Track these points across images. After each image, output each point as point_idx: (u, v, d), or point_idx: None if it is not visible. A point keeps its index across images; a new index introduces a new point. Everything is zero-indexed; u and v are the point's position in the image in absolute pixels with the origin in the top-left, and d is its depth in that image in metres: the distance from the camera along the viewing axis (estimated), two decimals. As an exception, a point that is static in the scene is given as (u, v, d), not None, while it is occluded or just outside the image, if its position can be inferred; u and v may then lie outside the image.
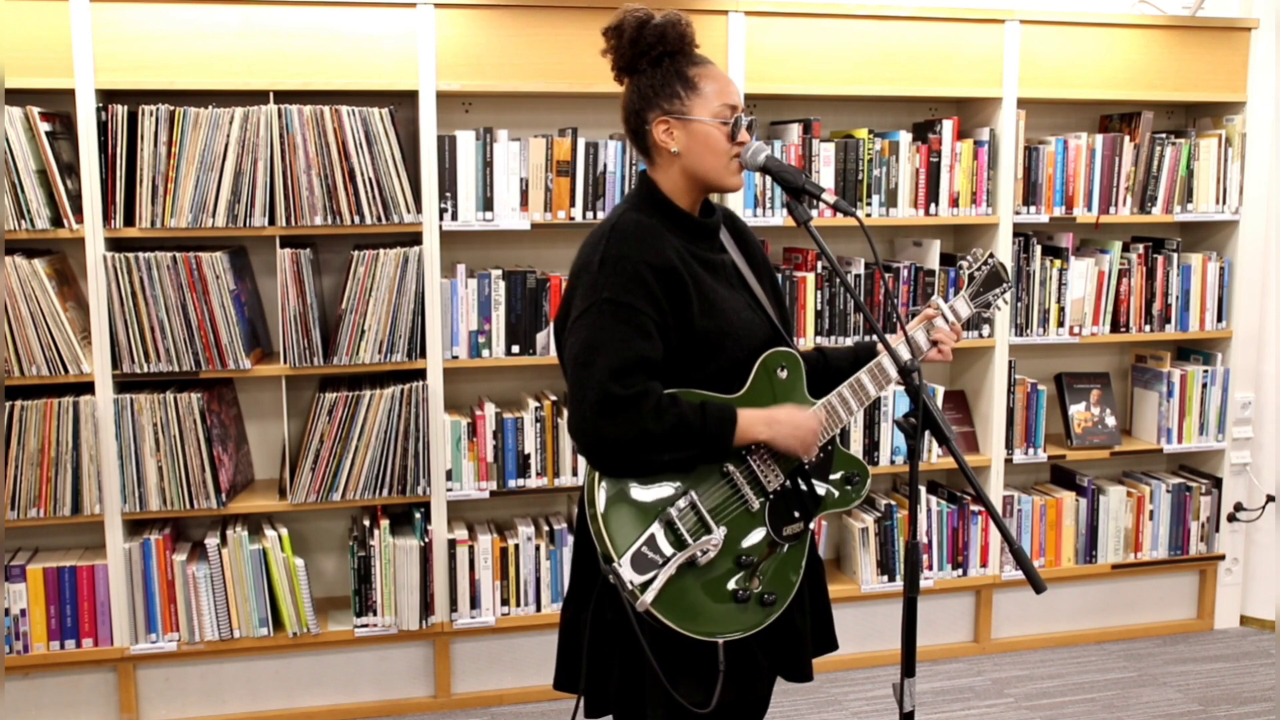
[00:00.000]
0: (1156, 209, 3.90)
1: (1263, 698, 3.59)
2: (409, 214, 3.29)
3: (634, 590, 1.89)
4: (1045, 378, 4.06)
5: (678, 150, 2.04)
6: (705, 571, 1.96)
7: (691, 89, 2.03)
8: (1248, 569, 4.18)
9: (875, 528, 3.76)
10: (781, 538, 2.04)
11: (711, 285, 2.04)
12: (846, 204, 2.09)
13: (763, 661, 2.07)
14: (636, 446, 1.89)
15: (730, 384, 2.03)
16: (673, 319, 1.96)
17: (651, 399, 1.89)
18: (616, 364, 1.88)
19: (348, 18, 3.23)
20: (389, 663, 3.52)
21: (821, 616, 2.23)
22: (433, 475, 3.38)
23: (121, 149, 3.14)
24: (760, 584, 2.01)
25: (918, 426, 1.98)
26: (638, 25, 2.03)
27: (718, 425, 1.95)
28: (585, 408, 1.88)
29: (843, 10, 3.56)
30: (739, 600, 1.98)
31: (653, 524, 1.93)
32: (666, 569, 1.91)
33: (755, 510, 2.03)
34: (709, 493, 1.99)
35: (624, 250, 1.95)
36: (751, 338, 2.06)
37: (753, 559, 2.00)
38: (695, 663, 1.98)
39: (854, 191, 3.63)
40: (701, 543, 1.94)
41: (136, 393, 3.20)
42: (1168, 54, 3.83)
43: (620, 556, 1.89)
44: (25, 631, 3.23)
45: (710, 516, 1.97)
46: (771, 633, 2.06)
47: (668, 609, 1.91)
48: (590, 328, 1.92)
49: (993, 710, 3.52)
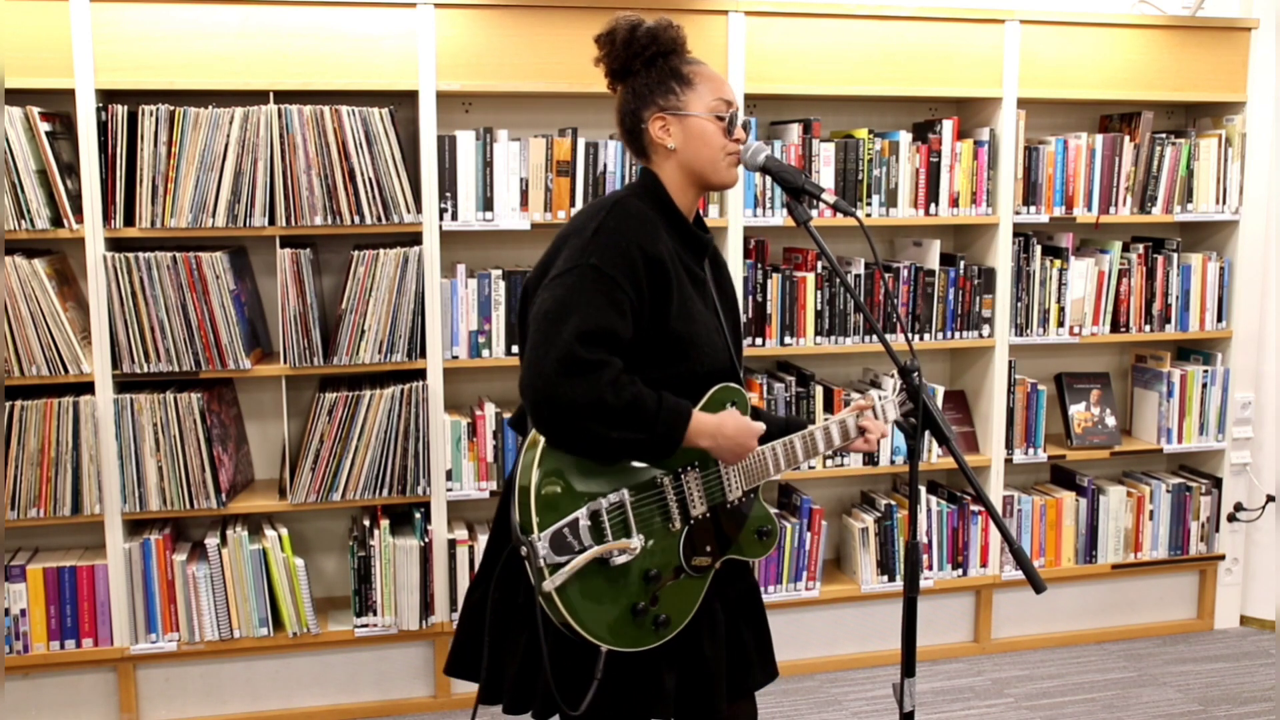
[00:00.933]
0: (1156, 209, 3.90)
1: (1263, 698, 3.59)
2: (409, 214, 3.29)
3: (543, 568, 1.87)
4: (1045, 378, 4.06)
5: (674, 146, 2.06)
6: (612, 576, 1.94)
7: (687, 85, 2.05)
8: (1248, 569, 4.18)
9: (875, 528, 3.76)
10: (689, 566, 2.03)
11: (691, 294, 2.04)
12: (846, 204, 2.11)
13: (669, 683, 2.04)
14: (589, 414, 1.84)
15: (686, 396, 2.02)
16: (649, 309, 1.95)
17: (613, 370, 1.87)
18: (586, 328, 1.85)
19: (348, 18, 3.23)
20: (389, 663, 3.52)
21: (760, 644, 2.21)
22: (433, 475, 3.39)
23: (121, 149, 3.14)
24: (658, 606, 1.99)
25: (918, 426, 1.98)
26: (630, 29, 2.05)
27: (671, 416, 1.93)
28: (546, 363, 1.84)
29: (843, 10, 3.56)
30: (635, 614, 1.96)
31: (580, 509, 1.91)
32: (580, 558, 1.89)
33: (675, 531, 2.02)
34: (639, 499, 1.98)
35: (621, 226, 1.95)
36: (715, 358, 2.06)
37: (658, 578, 1.99)
38: (580, 664, 1.97)
39: (854, 191, 3.63)
40: (620, 543, 1.94)
41: (136, 393, 3.20)
42: (1168, 54, 3.83)
43: (540, 531, 1.88)
44: (25, 631, 3.24)
45: (636, 521, 1.97)
46: (678, 657, 2.05)
47: (568, 600, 1.90)
48: (568, 288, 1.89)
49: (993, 710, 3.52)
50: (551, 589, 1.88)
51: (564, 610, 1.90)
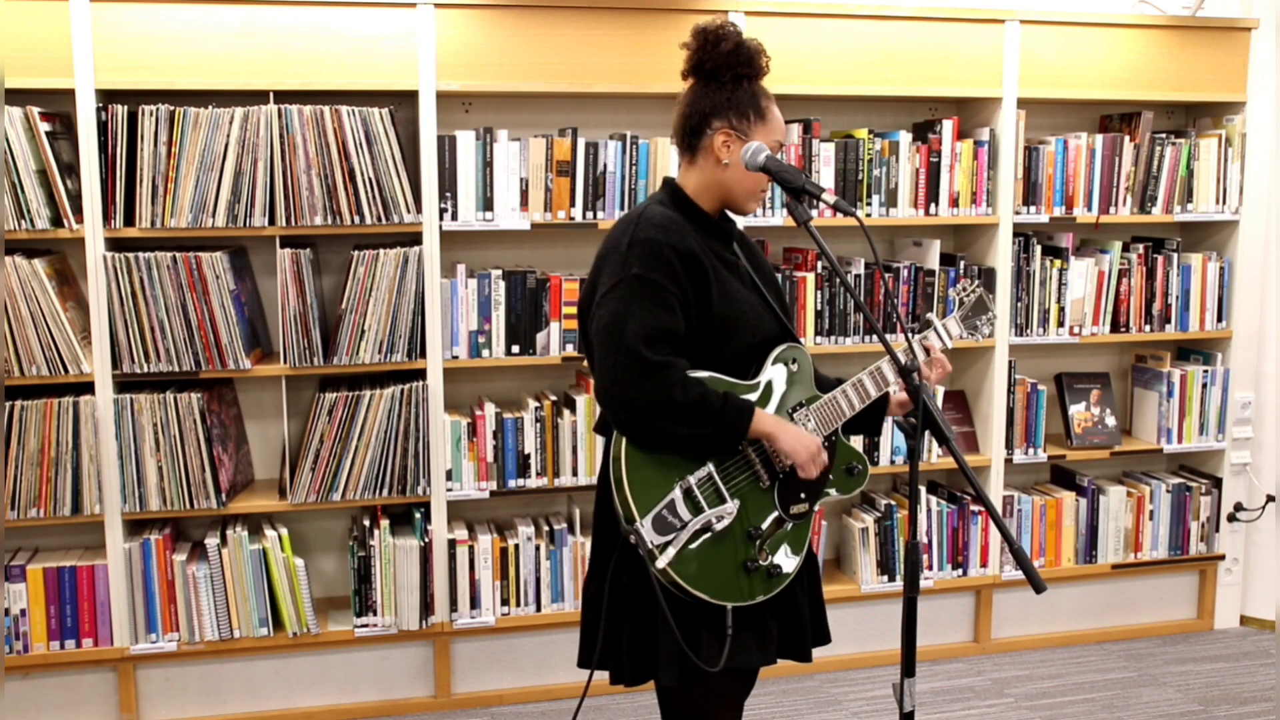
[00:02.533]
0: (1156, 209, 3.90)
1: (1263, 698, 3.59)
2: (409, 214, 3.29)
3: (653, 550, 2.03)
4: (1045, 378, 4.06)
5: (728, 163, 2.17)
6: (718, 540, 2.08)
7: (761, 118, 2.18)
8: (1248, 569, 4.18)
9: (875, 528, 3.76)
10: (789, 515, 2.17)
11: (728, 277, 2.18)
12: (846, 204, 2.22)
13: (774, 631, 2.19)
14: (661, 412, 2.01)
15: (743, 369, 2.17)
16: (695, 300, 2.09)
17: (680, 369, 2.04)
18: (647, 332, 2.02)
19: (348, 18, 3.23)
20: (389, 663, 3.52)
21: (816, 609, 2.34)
22: (433, 475, 3.39)
23: (121, 149, 3.14)
24: (768, 556, 2.14)
25: (918, 426, 2.01)
26: (736, 43, 2.16)
27: (736, 413, 2.07)
28: (617, 370, 2.02)
29: (843, 10, 3.56)
30: (748, 570, 2.11)
31: (673, 490, 2.06)
32: (684, 532, 2.04)
33: (765, 487, 2.15)
34: (725, 466, 2.12)
35: (651, 234, 2.08)
36: (763, 330, 2.19)
37: (761, 533, 2.13)
38: (706, 625, 2.10)
39: (854, 191, 3.63)
40: (717, 510, 2.08)
41: (136, 393, 3.20)
42: (1168, 54, 3.83)
43: (642, 518, 2.03)
44: (25, 631, 3.24)
45: (726, 488, 2.10)
46: (778, 606, 2.20)
47: (683, 571, 2.05)
48: (619, 300, 2.05)
49: (993, 710, 3.52)
50: (665, 565, 2.03)
51: (682, 582, 2.04)
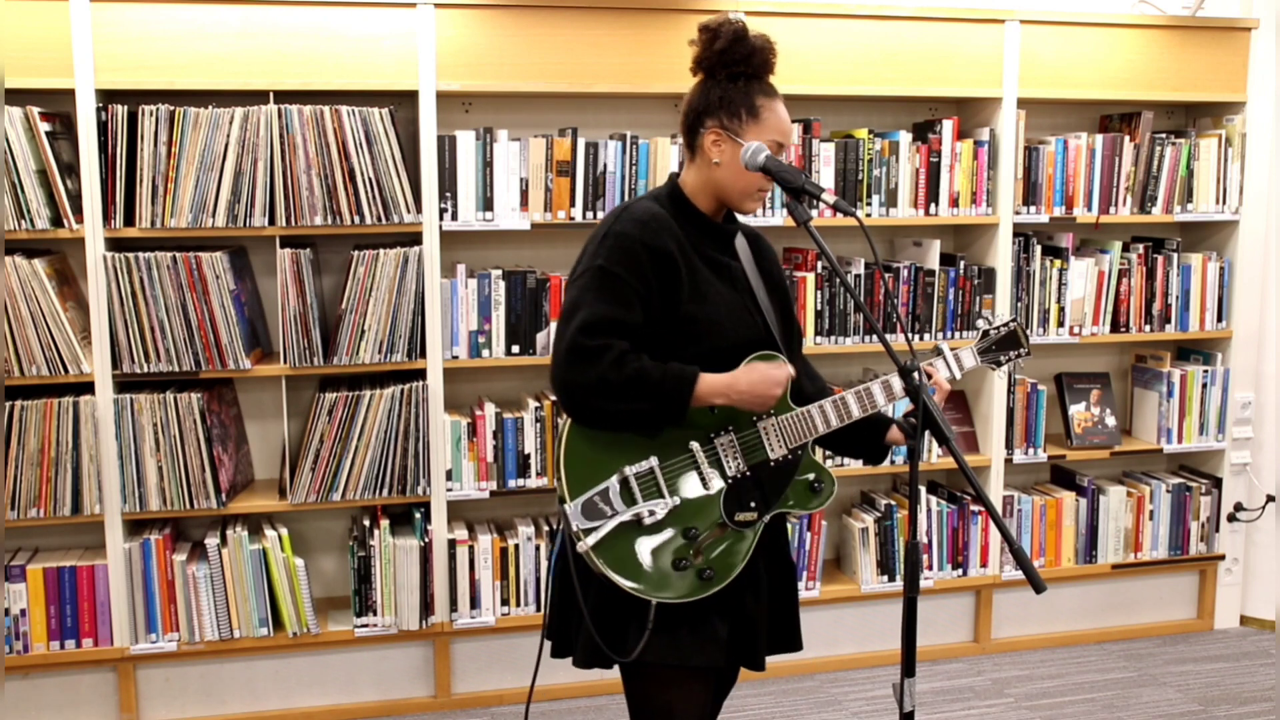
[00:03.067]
0: (1156, 209, 3.90)
1: (1263, 698, 3.59)
2: (409, 214, 3.29)
3: (578, 531, 2.05)
4: (1045, 378, 4.06)
5: (719, 162, 2.16)
6: (652, 534, 2.09)
7: (753, 116, 2.15)
8: (1248, 569, 4.18)
9: (875, 528, 3.76)
10: (733, 522, 2.14)
11: (709, 278, 2.15)
12: (846, 204, 2.20)
13: (721, 632, 2.15)
14: (596, 393, 2.03)
15: (715, 372, 2.12)
16: (659, 298, 2.08)
17: (614, 351, 2.04)
18: (590, 320, 2.04)
19: (348, 18, 3.23)
20: (389, 663, 3.52)
21: (787, 615, 2.31)
22: (433, 475, 3.39)
23: (121, 149, 3.14)
24: (703, 559, 2.11)
25: (918, 426, 2.00)
26: (733, 37, 2.16)
27: (676, 382, 2.06)
28: (558, 356, 2.06)
29: (843, 10, 3.56)
30: (677, 568, 2.09)
31: (610, 479, 2.08)
32: (611, 521, 2.06)
33: (712, 490, 2.13)
34: (671, 464, 2.11)
35: (626, 229, 2.09)
36: (740, 333, 2.16)
37: (699, 534, 2.11)
38: (634, 616, 2.11)
39: (854, 191, 3.63)
40: (651, 504, 2.08)
41: (136, 393, 3.20)
42: (1168, 54, 3.83)
43: (572, 499, 2.06)
44: (25, 631, 3.24)
45: (666, 484, 2.10)
46: (729, 609, 2.16)
47: (607, 556, 2.06)
48: (579, 289, 2.09)
49: (993, 710, 3.52)
50: (587, 549, 2.04)
51: (603, 567, 2.06)
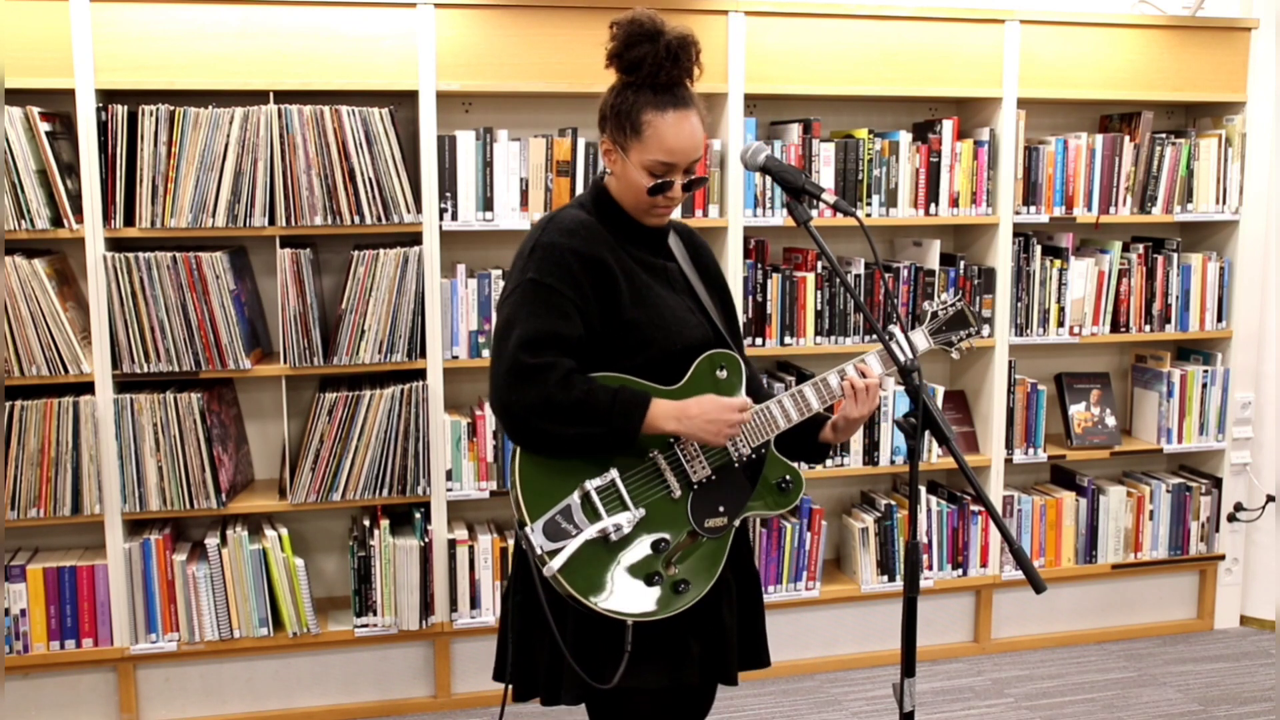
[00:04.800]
0: (1156, 209, 3.90)
1: (1263, 698, 3.59)
2: (409, 214, 3.29)
3: (543, 555, 1.94)
4: (1045, 378, 4.06)
5: (612, 173, 2.10)
6: (620, 550, 2.00)
7: (635, 134, 2.03)
8: (1248, 569, 4.18)
9: (875, 528, 3.76)
10: (703, 529, 2.07)
11: (647, 282, 2.08)
12: (846, 204, 2.14)
13: (694, 649, 2.08)
14: (542, 414, 1.93)
15: (665, 377, 2.07)
16: (596, 306, 2.01)
17: (559, 370, 1.95)
18: (529, 336, 1.95)
19: (348, 18, 3.23)
20: (389, 663, 3.52)
21: (753, 629, 2.24)
22: (433, 475, 3.38)
23: (121, 149, 3.14)
24: (676, 571, 2.03)
25: (918, 426, 1.99)
26: (625, 40, 2.00)
27: (626, 408, 1.97)
28: (497, 377, 1.96)
29: (843, 10, 3.56)
30: (650, 583, 2.01)
31: (571, 495, 1.98)
32: (576, 540, 1.96)
33: (677, 498, 2.05)
34: (632, 474, 2.03)
35: (554, 239, 2.02)
36: (687, 335, 2.09)
37: (669, 545, 2.03)
38: (604, 641, 2.01)
39: (854, 191, 3.63)
40: (616, 519, 1.98)
41: (136, 393, 3.20)
42: (1168, 54, 3.83)
43: (533, 522, 1.95)
44: (25, 631, 3.23)
45: (630, 496, 2.01)
46: (701, 625, 2.08)
47: (575, 578, 1.95)
48: (512, 305, 2.00)
49: (993, 710, 3.52)
50: (554, 573, 1.93)
51: (573, 590, 1.95)
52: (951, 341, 2.31)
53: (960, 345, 2.32)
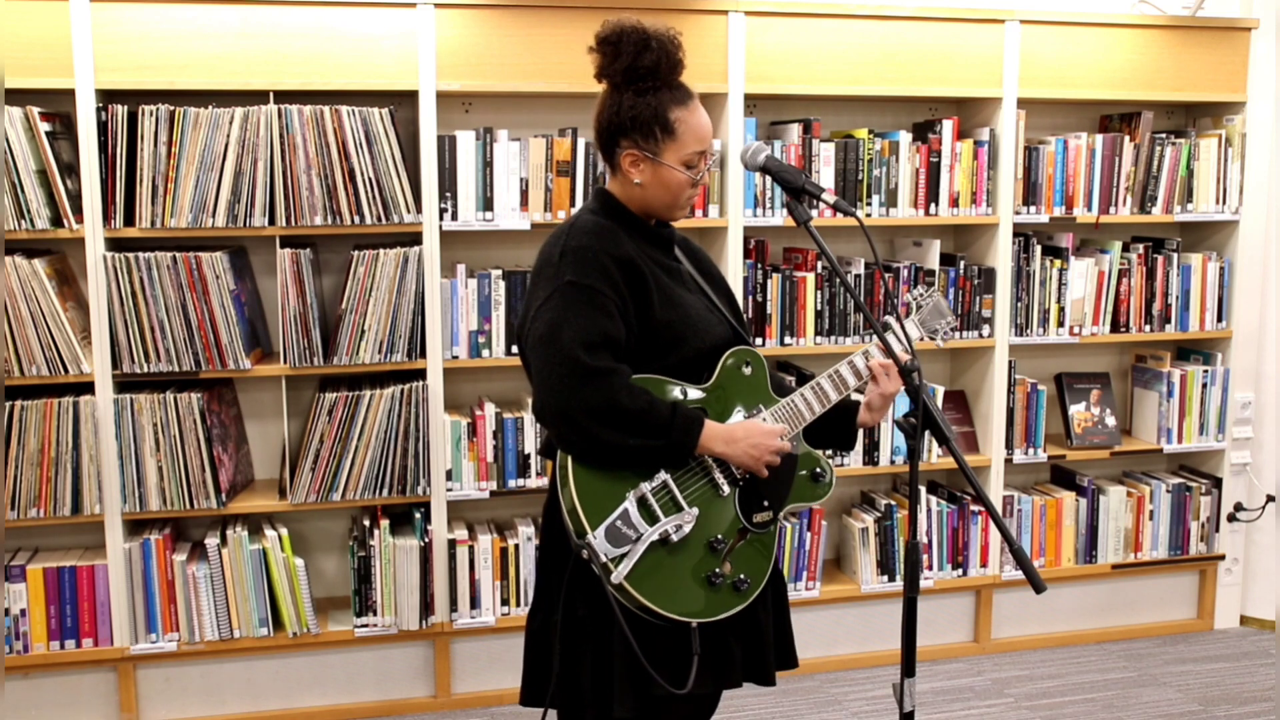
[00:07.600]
0: (1156, 209, 3.90)
1: (1263, 698, 3.59)
2: (409, 214, 3.29)
3: (608, 564, 1.91)
4: (1045, 378, 4.06)
5: (640, 182, 2.08)
6: (677, 552, 1.99)
7: (668, 133, 2.05)
8: (1248, 569, 4.18)
9: (875, 528, 3.76)
10: (752, 524, 2.08)
11: (669, 283, 2.09)
12: (846, 204, 2.15)
13: (736, 652, 2.09)
14: (605, 420, 1.91)
15: (693, 376, 2.08)
16: (633, 306, 2.01)
17: (623, 375, 1.94)
18: (584, 338, 1.92)
19: (348, 18, 3.23)
20: (389, 663, 3.52)
21: (782, 630, 2.24)
22: (433, 475, 3.39)
23: (121, 149, 3.14)
24: (732, 569, 2.04)
25: (918, 426, 1.99)
26: (636, 51, 2.02)
27: (686, 423, 1.98)
28: (555, 379, 1.91)
29: (843, 10, 3.56)
30: (712, 584, 2.01)
31: (626, 499, 1.96)
32: (640, 544, 1.94)
33: (725, 495, 2.07)
34: (681, 474, 2.03)
35: (584, 242, 2.01)
36: (711, 334, 2.11)
37: (724, 543, 2.03)
38: (670, 648, 2.00)
39: (854, 191, 3.63)
40: (675, 519, 1.98)
41: (136, 393, 3.20)
42: (1168, 54, 3.83)
43: (594, 530, 1.92)
44: (25, 631, 3.23)
45: (683, 496, 2.01)
46: (741, 627, 2.09)
47: (642, 586, 1.94)
48: (554, 309, 1.96)
49: (993, 710, 3.52)
50: (620, 580, 1.92)
51: (641, 597, 1.94)
52: (935, 330, 2.35)
53: (943, 333, 2.36)
